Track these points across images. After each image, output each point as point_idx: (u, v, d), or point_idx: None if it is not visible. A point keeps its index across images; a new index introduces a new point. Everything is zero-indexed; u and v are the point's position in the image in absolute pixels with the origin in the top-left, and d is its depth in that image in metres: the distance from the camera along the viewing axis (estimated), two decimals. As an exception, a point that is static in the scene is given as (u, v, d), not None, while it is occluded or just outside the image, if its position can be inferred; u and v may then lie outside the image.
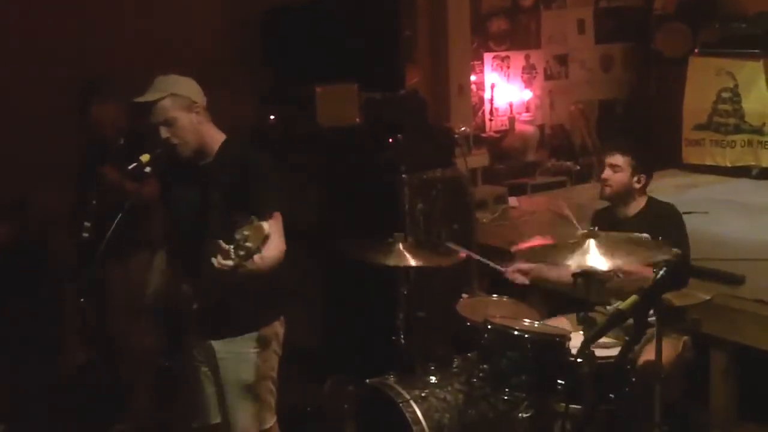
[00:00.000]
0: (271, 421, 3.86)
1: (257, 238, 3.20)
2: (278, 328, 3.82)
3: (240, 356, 3.73)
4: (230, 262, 3.23)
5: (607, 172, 4.57)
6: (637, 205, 4.59)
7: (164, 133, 3.61)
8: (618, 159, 4.53)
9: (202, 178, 3.67)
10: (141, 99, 3.62)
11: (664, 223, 4.48)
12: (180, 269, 3.75)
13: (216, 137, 3.72)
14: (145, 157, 3.61)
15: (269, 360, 3.79)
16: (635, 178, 4.53)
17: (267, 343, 3.76)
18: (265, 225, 3.23)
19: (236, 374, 3.73)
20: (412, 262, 4.41)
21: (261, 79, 6.21)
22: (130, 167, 3.61)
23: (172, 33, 5.89)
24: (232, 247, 3.22)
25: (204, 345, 3.74)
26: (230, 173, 3.61)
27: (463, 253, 4.82)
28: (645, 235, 4.40)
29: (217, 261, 3.26)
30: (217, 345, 3.72)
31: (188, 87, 3.67)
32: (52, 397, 5.31)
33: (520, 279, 4.74)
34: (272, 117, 6.02)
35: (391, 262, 4.40)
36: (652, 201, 4.63)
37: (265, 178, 3.60)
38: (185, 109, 3.61)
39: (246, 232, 3.20)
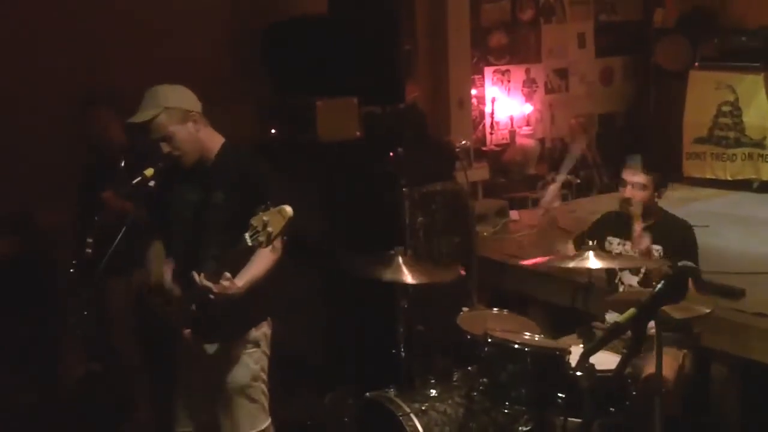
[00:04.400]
0: (266, 421, 3.87)
1: (279, 222, 3.18)
2: (266, 328, 3.84)
3: (232, 359, 3.75)
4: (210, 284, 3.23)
5: (630, 191, 4.52)
6: (652, 216, 4.58)
7: (165, 148, 3.62)
8: (642, 177, 4.50)
9: (203, 180, 3.68)
10: (136, 120, 3.61)
11: (677, 239, 4.48)
12: (176, 272, 3.75)
13: (216, 140, 3.74)
14: (149, 172, 3.61)
15: (260, 361, 3.81)
16: (656, 194, 4.55)
17: (257, 344, 3.79)
18: (288, 207, 3.21)
19: (229, 377, 3.75)
20: (410, 279, 4.41)
21: (261, 92, 6.22)
22: (134, 182, 3.61)
23: (173, 47, 5.91)
24: (247, 234, 3.21)
25: (197, 349, 3.74)
26: (233, 175, 3.62)
27: None
28: (658, 247, 4.43)
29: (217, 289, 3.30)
30: (209, 348, 3.73)
31: (181, 97, 3.66)
32: (53, 409, 5.30)
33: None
34: (273, 131, 6.03)
35: (391, 276, 4.40)
36: (666, 214, 4.64)
37: (269, 181, 3.63)
38: (181, 121, 3.61)
39: (266, 218, 3.18)
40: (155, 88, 3.65)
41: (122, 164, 4.91)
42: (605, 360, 3.65)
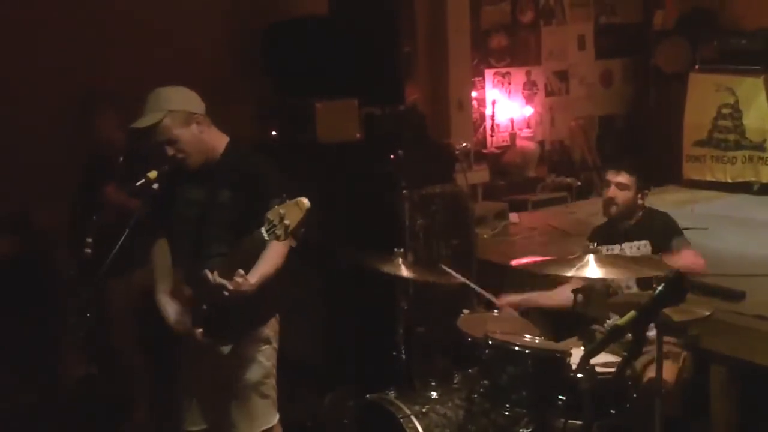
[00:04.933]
0: (276, 416, 3.89)
1: (296, 214, 3.15)
2: (275, 324, 3.86)
3: (245, 357, 3.76)
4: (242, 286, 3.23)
5: (613, 191, 4.65)
6: (636, 217, 4.70)
7: (169, 151, 3.61)
8: (625, 178, 4.62)
9: (208, 179, 3.68)
10: (139, 125, 3.59)
11: (658, 227, 4.64)
12: (182, 271, 3.74)
13: (221, 140, 3.73)
14: (152, 174, 3.59)
15: (272, 358, 3.83)
16: (639, 195, 4.65)
17: (268, 341, 3.81)
18: (305, 199, 3.18)
19: (243, 375, 3.75)
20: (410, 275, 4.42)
21: (261, 93, 6.22)
22: (137, 184, 3.60)
23: (173, 47, 5.91)
24: (264, 228, 3.19)
25: (208, 348, 3.72)
26: (238, 174, 3.62)
27: (456, 278, 4.83)
28: (644, 242, 4.50)
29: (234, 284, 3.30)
30: (223, 348, 3.72)
31: (184, 100, 3.65)
32: (53, 409, 5.30)
33: (511, 311, 4.78)
34: (273, 132, 6.03)
35: (391, 270, 4.41)
36: (647, 211, 4.74)
37: (275, 179, 3.62)
38: (186, 124, 3.60)
39: (282, 210, 3.15)
40: (158, 91, 3.63)
41: (121, 159, 4.91)
42: (606, 362, 3.66)
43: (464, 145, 6.56)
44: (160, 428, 5.18)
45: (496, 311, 4.80)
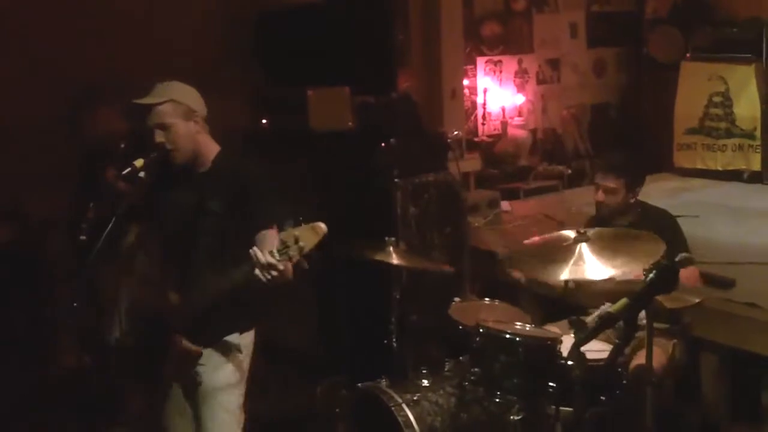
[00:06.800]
0: None
1: (312, 238, 3.19)
2: (247, 339, 3.78)
3: (213, 362, 3.69)
4: (275, 261, 3.20)
5: (601, 195, 4.56)
6: (631, 213, 4.61)
7: (159, 137, 3.61)
8: (612, 182, 4.52)
9: (197, 187, 3.67)
10: (140, 101, 3.63)
11: (660, 229, 4.47)
12: (166, 276, 3.73)
13: (212, 147, 3.73)
14: (138, 162, 3.60)
15: (239, 369, 3.74)
16: (630, 195, 4.55)
17: (239, 351, 3.72)
18: (322, 224, 3.22)
19: (208, 379, 3.70)
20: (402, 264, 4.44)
21: (253, 82, 6.21)
22: (124, 172, 3.62)
23: (166, 36, 5.89)
24: (276, 248, 3.20)
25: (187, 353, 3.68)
26: (229, 185, 3.61)
27: None
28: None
29: (264, 257, 3.23)
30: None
31: (189, 95, 3.68)
32: (47, 400, 5.30)
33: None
34: (264, 121, 6.02)
35: (383, 259, 4.42)
36: (645, 207, 4.65)
37: (266, 194, 3.60)
38: (183, 117, 3.62)
39: (296, 233, 3.18)
40: (169, 81, 3.69)
41: (122, 145, 4.89)
42: (597, 349, 3.67)
43: (456, 133, 6.56)
44: (155, 420, 5.18)
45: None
